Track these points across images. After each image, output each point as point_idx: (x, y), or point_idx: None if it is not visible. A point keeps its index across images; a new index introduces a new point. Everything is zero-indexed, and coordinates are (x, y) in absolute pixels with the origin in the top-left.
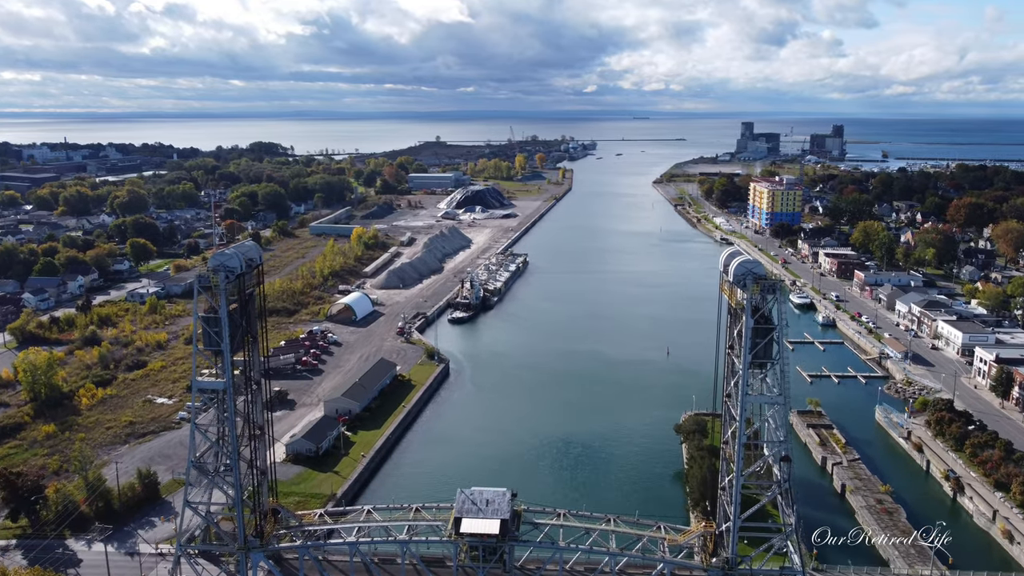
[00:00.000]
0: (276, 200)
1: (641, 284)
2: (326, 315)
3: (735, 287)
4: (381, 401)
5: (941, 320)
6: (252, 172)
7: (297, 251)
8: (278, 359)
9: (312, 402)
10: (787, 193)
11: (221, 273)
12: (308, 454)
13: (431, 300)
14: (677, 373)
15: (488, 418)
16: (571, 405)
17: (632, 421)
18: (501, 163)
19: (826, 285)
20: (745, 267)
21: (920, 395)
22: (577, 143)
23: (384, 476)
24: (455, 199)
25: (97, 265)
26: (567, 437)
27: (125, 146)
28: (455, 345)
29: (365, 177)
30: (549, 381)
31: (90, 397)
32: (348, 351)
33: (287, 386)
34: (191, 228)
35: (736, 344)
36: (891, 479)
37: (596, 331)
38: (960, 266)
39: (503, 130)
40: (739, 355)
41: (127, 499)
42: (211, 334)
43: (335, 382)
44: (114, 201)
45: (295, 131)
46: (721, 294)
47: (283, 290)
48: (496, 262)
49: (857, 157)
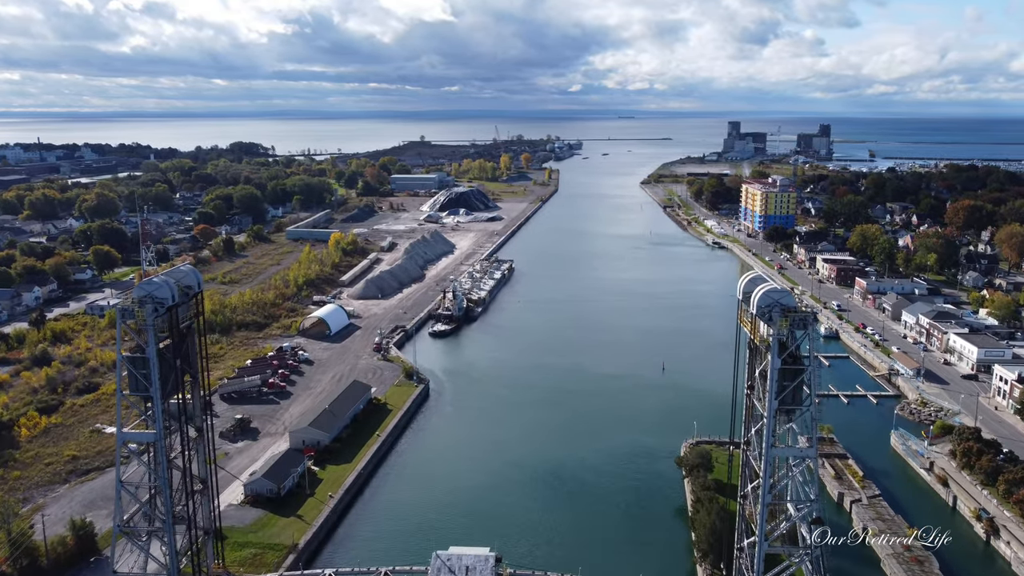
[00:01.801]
0: (252, 203)
1: (632, 292)
2: (298, 329)
3: (758, 320)
4: (353, 429)
5: (953, 333)
6: (230, 173)
7: (272, 257)
8: (242, 382)
9: (278, 431)
10: (780, 195)
11: (148, 305)
12: (269, 495)
13: (411, 311)
14: (673, 391)
15: (470, 447)
16: (560, 431)
17: (627, 449)
18: (486, 163)
19: (826, 293)
20: (771, 298)
21: (938, 418)
22: (563, 143)
23: (354, 520)
24: (438, 201)
25: (57, 274)
26: (556, 470)
27: (101, 146)
28: (436, 361)
29: (346, 178)
30: (536, 402)
31: (31, 427)
32: (320, 370)
33: (252, 412)
34: (162, 233)
35: (758, 386)
36: (915, 518)
37: (586, 344)
38: (963, 272)
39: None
40: (760, 398)
41: (57, 555)
42: (138, 377)
43: (304, 406)
44: (82, 204)
45: (278, 131)
46: (740, 326)
47: (253, 301)
48: (480, 269)
49: (844, 157)
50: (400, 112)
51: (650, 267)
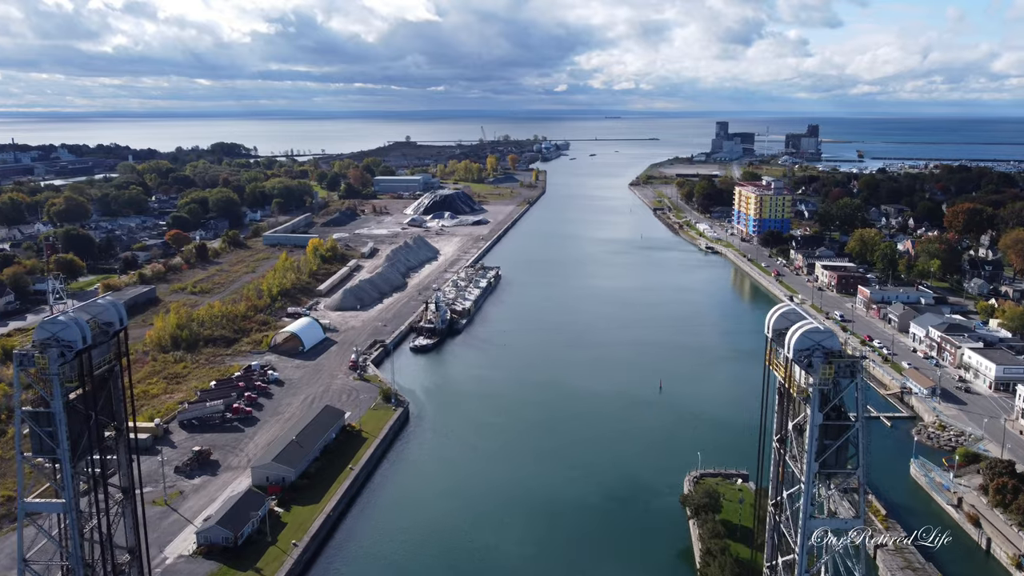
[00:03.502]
0: (229, 206)
1: (624, 302)
2: (269, 345)
3: (794, 365)
4: (324, 462)
5: (967, 348)
6: (208, 175)
7: (247, 264)
8: (204, 407)
9: (240, 464)
10: (775, 198)
11: (53, 350)
12: (225, 543)
13: (392, 324)
14: (672, 413)
15: (453, 480)
16: (551, 461)
17: (625, 483)
18: (472, 165)
19: (827, 302)
20: (811, 340)
21: (959, 443)
22: (550, 143)
23: (321, 570)
24: (423, 204)
25: (15, 285)
26: (550, 507)
27: (79, 147)
28: (417, 380)
29: (329, 180)
30: (524, 429)
31: None
32: (291, 392)
33: (213, 441)
34: (133, 239)
35: (791, 440)
36: (946, 565)
37: (576, 360)
38: (967, 278)
39: (474, 130)
40: (795, 455)
41: None
42: (41, 436)
43: (272, 434)
44: (51, 209)
45: (262, 131)
46: (768, 367)
47: (223, 314)
48: (465, 277)
49: (833, 157)
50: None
51: (642, 273)
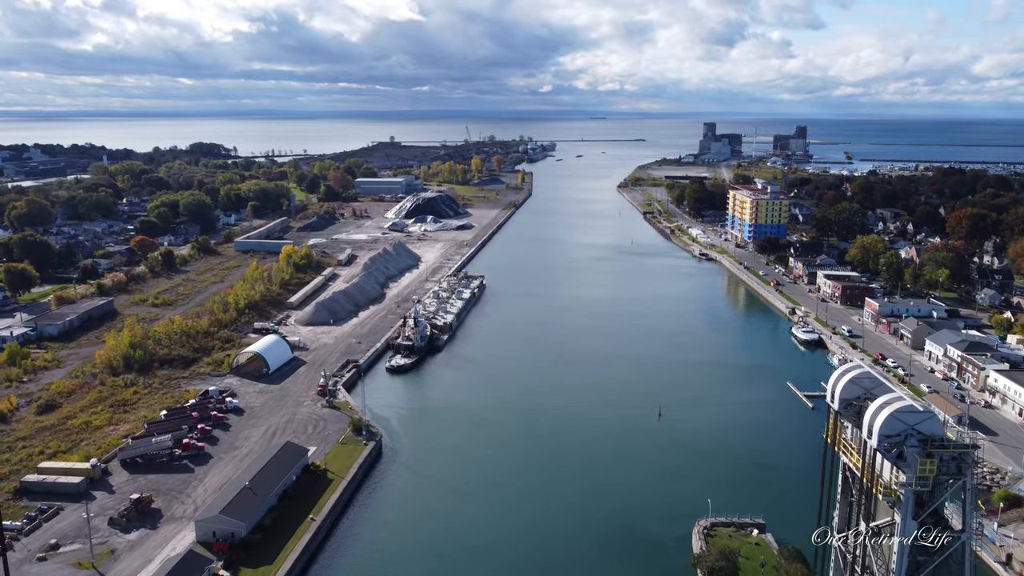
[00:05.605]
0: (201, 210)
1: (615, 314)
2: (230, 367)
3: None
4: (281, 511)
5: (992, 369)
6: (183, 177)
7: (216, 273)
8: (150, 442)
9: (186, 513)
10: (772, 203)
11: None
12: None
13: (367, 340)
14: (675, 447)
15: (429, 530)
16: (542, 504)
17: (625, 533)
18: (456, 166)
19: (832, 315)
20: (905, 423)
21: (996, 484)
22: (536, 144)
23: None
24: (405, 207)
25: None
26: (540, 561)
27: (52, 147)
28: (392, 406)
29: (308, 182)
30: (510, 461)
31: None
32: (250, 422)
33: (157, 484)
34: (97, 245)
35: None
36: None
37: (568, 381)
38: (976, 289)
39: (459, 130)
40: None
41: None
42: None
43: (224, 475)
44: (11, 212)
45: (244, 131)
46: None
47: (183, 331)
48: (448, 287)
49: (821, 159)
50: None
51: (633, 282)
